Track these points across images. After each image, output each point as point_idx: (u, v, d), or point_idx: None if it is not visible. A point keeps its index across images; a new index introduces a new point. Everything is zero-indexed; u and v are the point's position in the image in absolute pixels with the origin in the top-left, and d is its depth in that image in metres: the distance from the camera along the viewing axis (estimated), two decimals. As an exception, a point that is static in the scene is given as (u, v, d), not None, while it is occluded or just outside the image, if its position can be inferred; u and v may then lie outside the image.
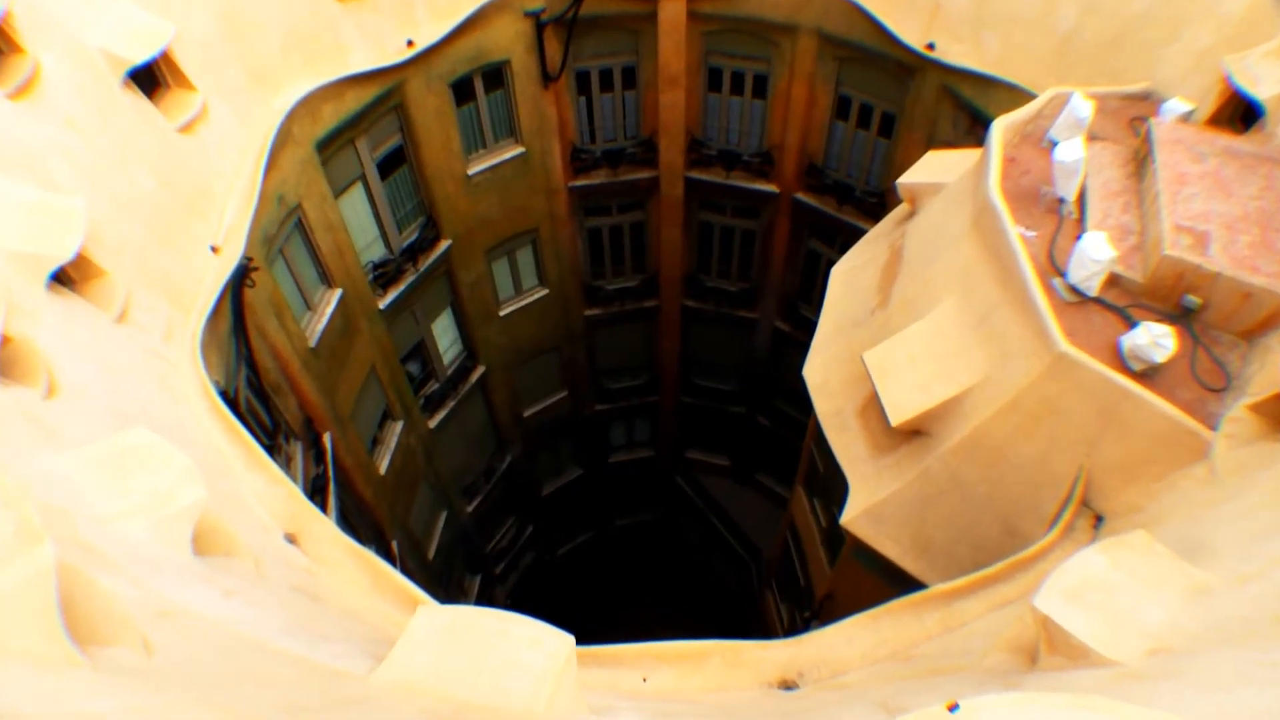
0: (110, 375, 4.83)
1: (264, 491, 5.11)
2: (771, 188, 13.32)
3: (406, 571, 11.60)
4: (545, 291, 14.59)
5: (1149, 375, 5.36)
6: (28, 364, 4.30)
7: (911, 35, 9.95)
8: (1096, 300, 5.77)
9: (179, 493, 3.85)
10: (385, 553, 10.71)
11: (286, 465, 7.84)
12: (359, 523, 10.04)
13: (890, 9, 10.12)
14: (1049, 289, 5.85)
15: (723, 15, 11.47)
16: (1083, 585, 4.01)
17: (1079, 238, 5.96)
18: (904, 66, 10.41)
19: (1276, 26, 6.67)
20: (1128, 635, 3.75)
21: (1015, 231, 6.03)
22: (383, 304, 10.84)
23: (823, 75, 11.60)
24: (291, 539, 4.99)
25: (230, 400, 6.28)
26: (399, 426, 11.78)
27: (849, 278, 8.56)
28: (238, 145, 7.46)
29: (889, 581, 6.75)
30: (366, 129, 9.83)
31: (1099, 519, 5.42)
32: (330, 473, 8.58)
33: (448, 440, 13.92)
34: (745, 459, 19.13)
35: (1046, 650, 3.96)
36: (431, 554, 13.40)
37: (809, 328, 14.27)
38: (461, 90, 11.07)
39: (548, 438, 17.50)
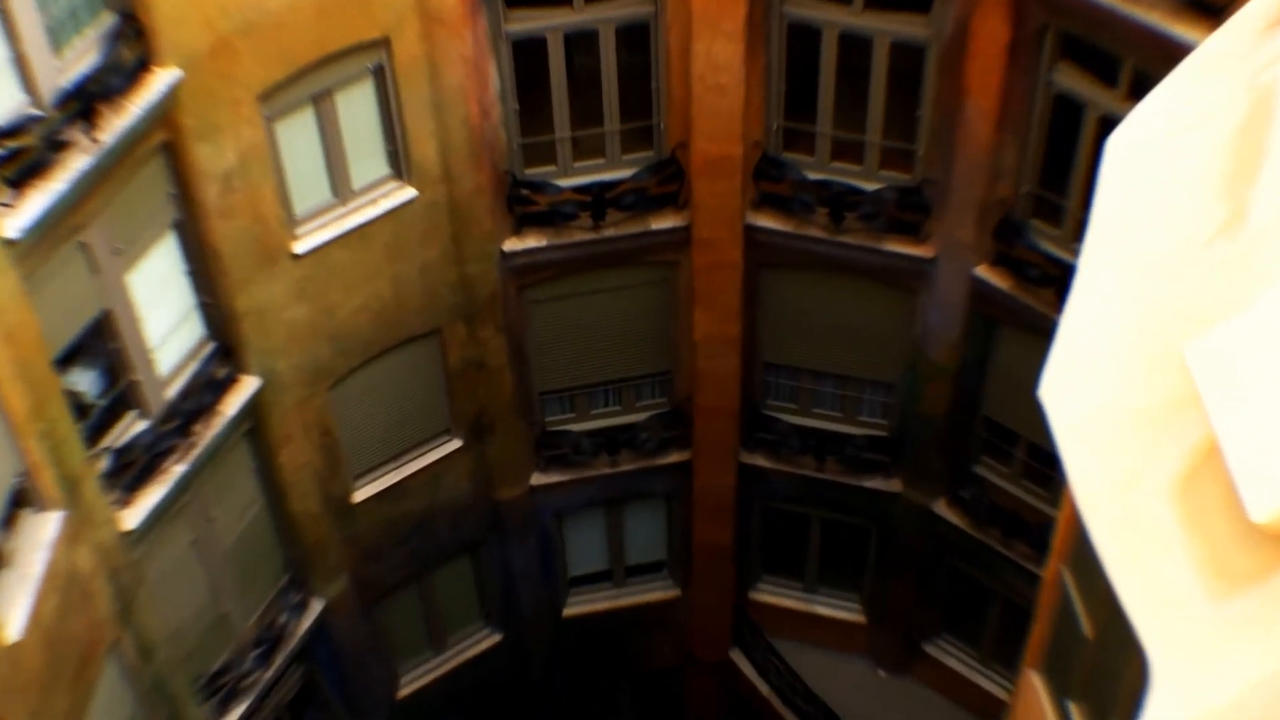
0: None
1: None
2: (963, -60, 13.48)
3: None
4: (409, 194, 14.73)
5: None
6: None
7: None
8: None
9: None
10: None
11: None
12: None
13: None
14: None
15: None
16: None
17: None
18: None
19: None
20: None
21: None
22: (13, 227, 10.87)
23: None
24: None
25: None
26: (51, 525, 11.79)
27: (1149, 160, 8.56)
28: None
29: None
30: None
31: None
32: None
33: (170, 560, 13.95)
34: (900, 606, 19.31)
35: None
36: (130, 837, 13.42)
37: (1056, 282, 14.41)
38: None
39: (413, 555, 17.67)
